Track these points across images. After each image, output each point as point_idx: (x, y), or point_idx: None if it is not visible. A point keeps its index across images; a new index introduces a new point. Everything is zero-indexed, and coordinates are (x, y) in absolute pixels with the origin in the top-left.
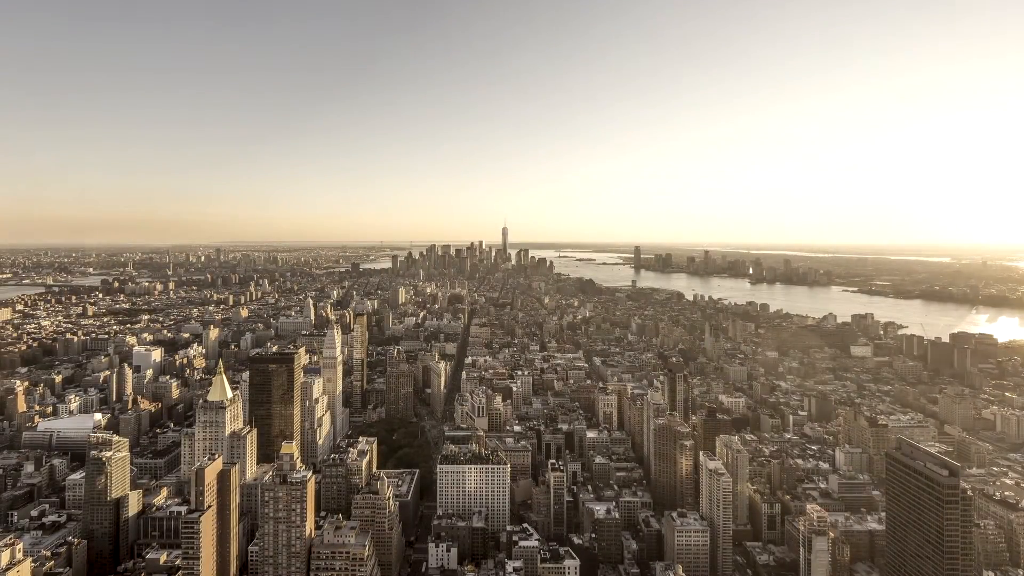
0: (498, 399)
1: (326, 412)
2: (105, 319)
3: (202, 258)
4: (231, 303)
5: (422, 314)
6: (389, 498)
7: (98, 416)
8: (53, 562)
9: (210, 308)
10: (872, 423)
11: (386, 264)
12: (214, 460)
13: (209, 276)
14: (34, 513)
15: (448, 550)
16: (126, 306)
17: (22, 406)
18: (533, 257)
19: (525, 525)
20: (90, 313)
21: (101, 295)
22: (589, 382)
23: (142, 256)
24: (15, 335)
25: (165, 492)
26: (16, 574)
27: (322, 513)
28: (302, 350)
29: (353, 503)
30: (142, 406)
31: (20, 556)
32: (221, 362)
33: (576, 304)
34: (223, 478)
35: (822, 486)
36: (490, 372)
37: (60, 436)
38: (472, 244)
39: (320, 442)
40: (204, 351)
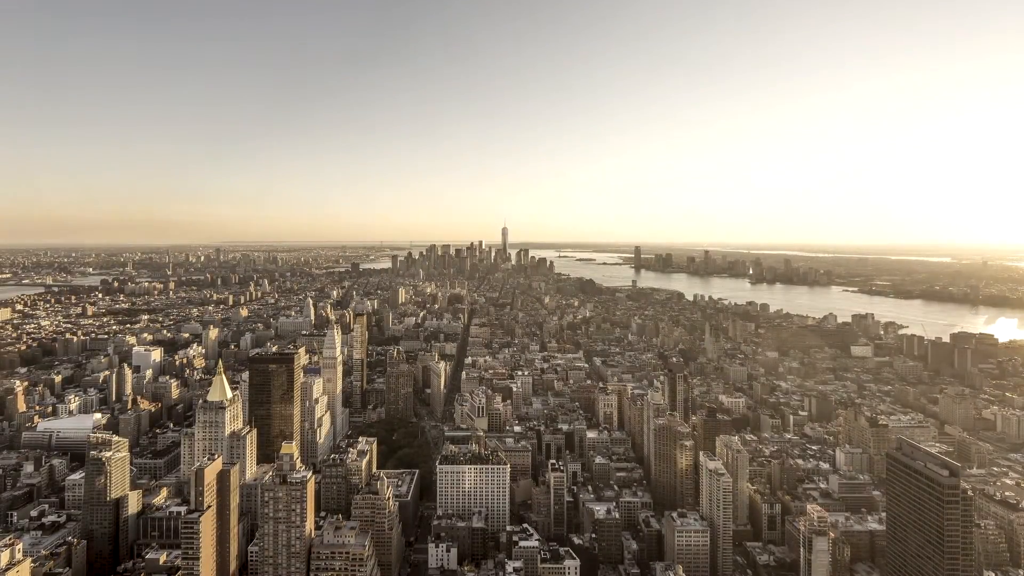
0: (498, 399)
1: (326, 412)
2: (105, 319)
3: (202, 258)
4: (231, 303)
5: (422, 314)
6: (389, 498)
7: (98, 416)
8: (53, 562)
9: (210, 308)
10: (872, 423)
11: (386, 264)
12: (214, 460)
13: (209, 276)
14: (34, 513)
15: (448, 550)
16: (126, 306)
17: (22, 406)
18: (533, 257)
19: (525, 525)
20: (90, 313)
21: (101, 295)
22: (589, 382)
23: (142, 256)
24: (15, 335)
25: (165, 492)
26: (16, 574)
27: (322, 513)
28: (302, 350)
29: (353, 503)
30: (142, 406)
31: (20, 556)
32: (221, 362)
33: (576, 304)
34: (223, 478)
35: (822, 486)
36: (490, 372)
37: (60, 436)
38: (472, 244)
39: (320, 442)
40: (204, 351)
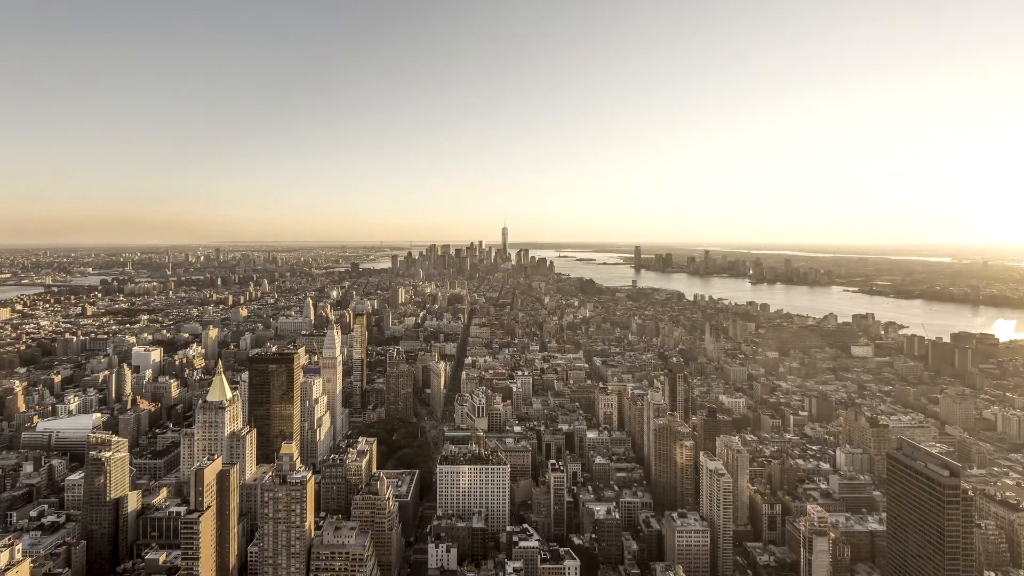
0: (498, 399)
1: (326, 412)
2: (104, 319)
3: (201, 258)
4: (230, 303)
5: (422, 314)
6: (389, 498)
7: (97, 416)
8: (52, 562)
9: (209, 308)
10: (873, 423)
11: (386, 264)
12: (213, 460)
13: (208, 276)
14: (33, 513)
15: (448, 551)
16: (125, 306)
17: (21, 406)
18: (533, 257)
19: (525, 525)
20: (89, 313)
21: (100, 295)
22: (589, 382)
23: (141, 256)
24: (14, 335)
25: (164, 492)
26: (15, 574)
27: (322, 513)
28: (302, 350)
29: (353, 503)
30: (141, 406)
31: (19, 556)
32: (220, 362)
33: (576, 304)
34: (222, 478)
35: (823, 486)
36: (490, 372)
37: (59, 436)
38: (472, 244)
39: (320, 442)
40: (203, 351)
